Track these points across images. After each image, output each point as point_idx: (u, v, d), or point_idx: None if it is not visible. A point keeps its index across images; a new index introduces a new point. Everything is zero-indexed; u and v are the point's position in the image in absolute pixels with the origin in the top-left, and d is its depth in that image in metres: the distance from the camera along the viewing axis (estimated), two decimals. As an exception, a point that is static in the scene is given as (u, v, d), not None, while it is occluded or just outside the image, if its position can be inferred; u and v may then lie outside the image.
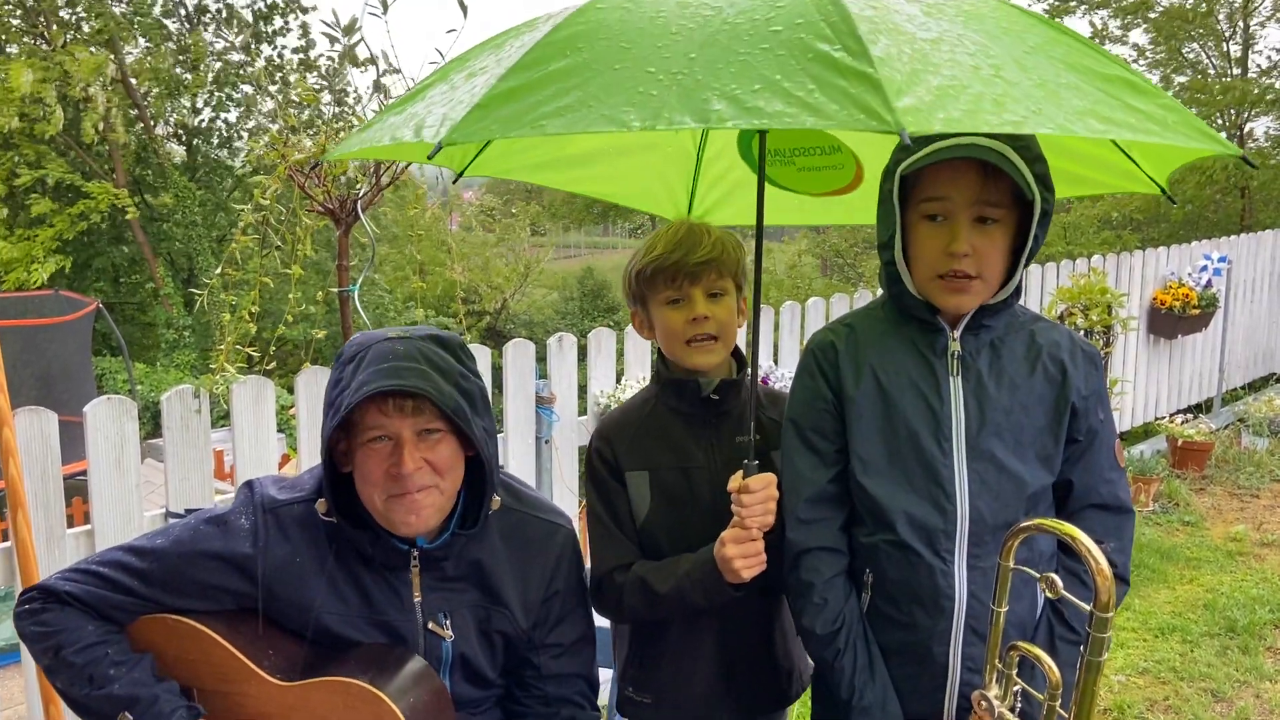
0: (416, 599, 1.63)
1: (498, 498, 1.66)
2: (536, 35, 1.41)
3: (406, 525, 1.55)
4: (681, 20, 1.33)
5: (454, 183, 2.27)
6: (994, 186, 1.51)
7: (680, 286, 1.73)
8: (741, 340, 1.84)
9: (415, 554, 1.61)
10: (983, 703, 1.44)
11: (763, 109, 1.14)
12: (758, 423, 1.66)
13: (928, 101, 1.14)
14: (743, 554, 1.57)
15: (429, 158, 1.32)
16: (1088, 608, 1.30)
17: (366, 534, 1.59)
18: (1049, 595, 1.36)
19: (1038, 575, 1.37)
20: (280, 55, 15.97)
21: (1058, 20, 1.54)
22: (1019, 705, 1.46)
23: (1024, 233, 1.55)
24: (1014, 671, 1.44)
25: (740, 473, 1.61)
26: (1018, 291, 1.61)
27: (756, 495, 1.58)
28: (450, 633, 1.64)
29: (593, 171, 2.34)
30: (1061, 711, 1.38)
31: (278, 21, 15.80)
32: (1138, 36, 13.28)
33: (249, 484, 1.66)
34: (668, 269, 1.73)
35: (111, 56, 13.23)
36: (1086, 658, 1.31)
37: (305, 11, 15.90)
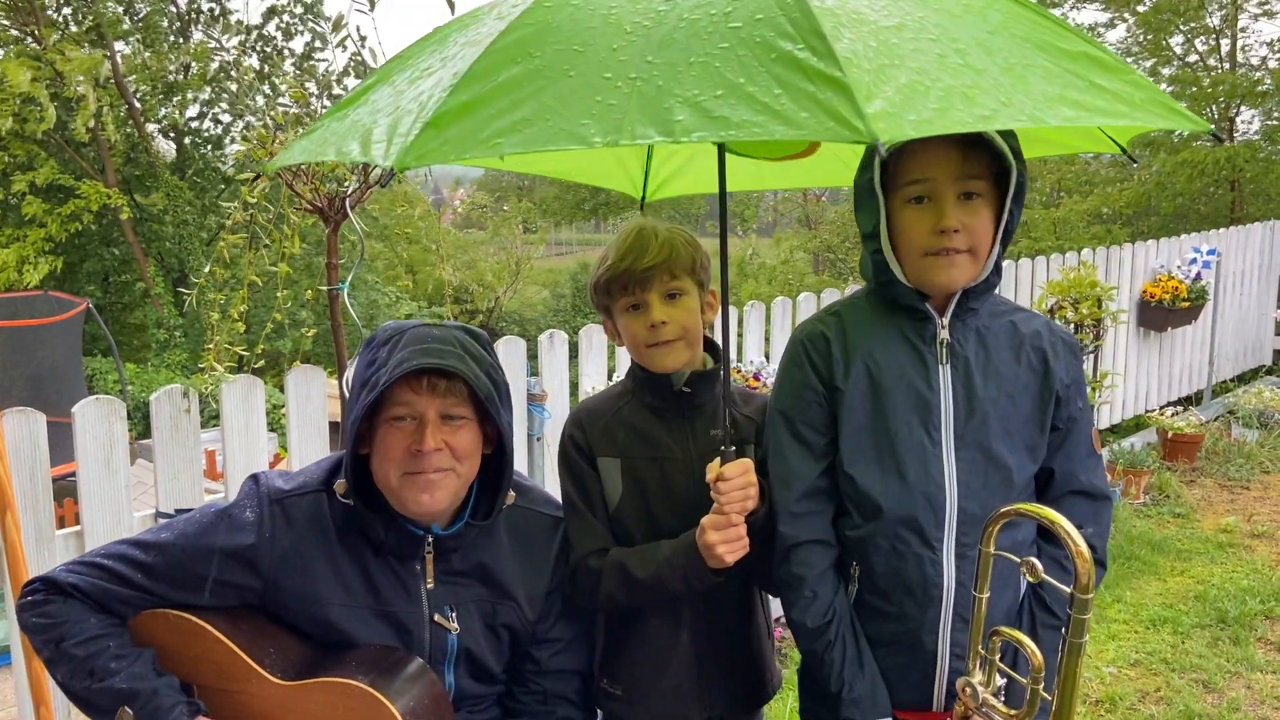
0: (429, 586, 1.63)
1: (511, 492, 1.68)
2: (483, 32, 1.34)
3: (418, 504, 1.56)
4: (635, 17, 1.25)
5: (395, 175, 2.25)
6: (974, 160, 1.54)
7: (635, 293, 1.74)
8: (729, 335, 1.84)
9: (429, 540, 1.62)
10: (967, 689, 1.45)
11: (729, 118, 1.09)
12: (730, 419, 1.66)
13: (897, 103, 1.10)
14: (724, 539, 1.59)
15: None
16: (1069, 590, 1.32)
17: (381, 517, 1.60)
18: (1029, 580, 1.37)
19: (1018, 560, 1.38)
20: (275, 50, 15.85)
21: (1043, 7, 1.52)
22: (1003, 691, 1.47)
23: (1003, 210, 1.58)
24: (996, 657, 1.45)
25: (718, 460, 1.62)
26: (999, 271, 1.62)
27: (733, 482, 1.59)
28: (456, 625, 1.65)
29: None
30: (1045, 695, 1.39)
31: (274, 26, 15.69)
32: (1121, 32, 13.32)
33: (254, 477, 1.66)
34: (620, 277, 1.74)
35: (105, 55, 13.15)
36: (1068, 640, 1.33)
37: (316, 16, 15.81)
